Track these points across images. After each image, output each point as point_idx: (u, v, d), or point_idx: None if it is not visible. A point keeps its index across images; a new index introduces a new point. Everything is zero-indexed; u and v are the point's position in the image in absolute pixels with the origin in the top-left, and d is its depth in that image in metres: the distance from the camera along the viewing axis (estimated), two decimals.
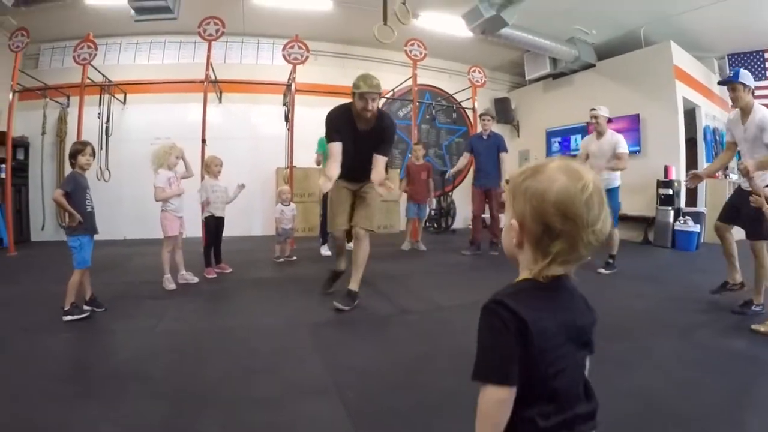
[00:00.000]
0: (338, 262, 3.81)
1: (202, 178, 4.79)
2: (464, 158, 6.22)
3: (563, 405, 0.77)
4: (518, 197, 0.81)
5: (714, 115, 8.15)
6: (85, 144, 3.26)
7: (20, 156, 7.52)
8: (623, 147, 4.69)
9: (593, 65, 8.66)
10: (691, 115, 7.86)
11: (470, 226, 6.60)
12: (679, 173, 7.30)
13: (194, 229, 4.96)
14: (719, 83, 3.64)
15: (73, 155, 3.18)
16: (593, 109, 4.83)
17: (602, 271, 4.73)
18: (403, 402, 1.94)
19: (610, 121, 4.91)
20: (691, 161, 7.84)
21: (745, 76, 3.29)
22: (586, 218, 0.74)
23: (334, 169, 3.12)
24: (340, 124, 3.23)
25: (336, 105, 3.39)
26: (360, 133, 3.25)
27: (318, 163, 6.12)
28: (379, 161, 3.31)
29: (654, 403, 1.93)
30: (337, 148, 3.18)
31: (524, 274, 0.82)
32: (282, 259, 5.38)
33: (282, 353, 2.53)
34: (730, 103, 3.46)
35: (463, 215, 9.06)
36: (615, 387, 2.05)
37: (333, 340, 2.80)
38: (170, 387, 2.08)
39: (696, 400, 1.97)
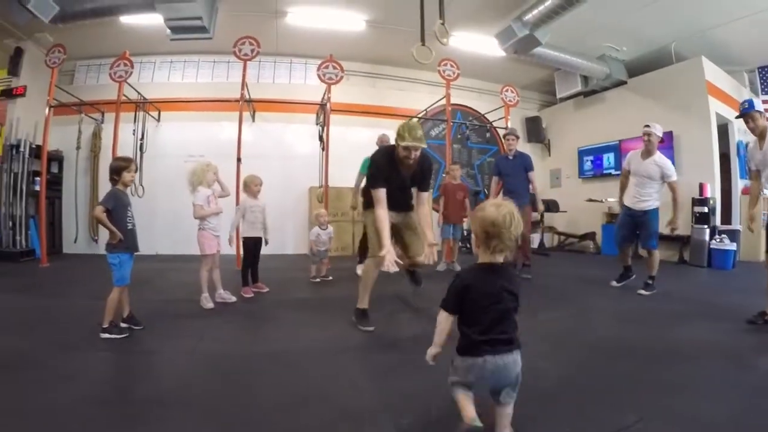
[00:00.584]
0: (366, 297, 3.45)
1: (238, 196, 4.74)
2: (494, 183, 6.00)
3: (486, 330, 1.59)
4: (474, 221, 1.69)
5: (746, 129, 7.96)
6: (129, 160, 3.20)
7: (54, 169, 7.72)
8: (673, 173, 4.55)
9: (624, 82, 8.58)
10: (723, 130, 7.71)
11: None
12: (714, 190, 7.14)
13: (228, 247, 4.94)
14: (737, 117, 3.66)
15: (117, 171, 3.08)
16: (647, 126, 4.64)
17: (642, 292, 4.62)
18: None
19: (662, 141, 4.73)
20: (725, 177, 7.67)
21: (758, 104, 3.47)
22: (504, 224, 1.58)
23: (387, 237, 3.17)
24: (385, 170, 3.34)
25: (379, 149, 3.62)
26: (402, 174, 3.41)
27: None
28: (424, 199, 3.58)
29: (706, 426, 1.86)
30: (382, 194, 3.29)
31: (480, 261, 1.68)
32: (318, 279, 5.34)
33: (331, 378, 2.46)
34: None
35: None
36: (668, 409, 2.00)
37: (381, 363, 2.72)
38: (218, 413, 1.99)
39: (752, 422, 1.90)
